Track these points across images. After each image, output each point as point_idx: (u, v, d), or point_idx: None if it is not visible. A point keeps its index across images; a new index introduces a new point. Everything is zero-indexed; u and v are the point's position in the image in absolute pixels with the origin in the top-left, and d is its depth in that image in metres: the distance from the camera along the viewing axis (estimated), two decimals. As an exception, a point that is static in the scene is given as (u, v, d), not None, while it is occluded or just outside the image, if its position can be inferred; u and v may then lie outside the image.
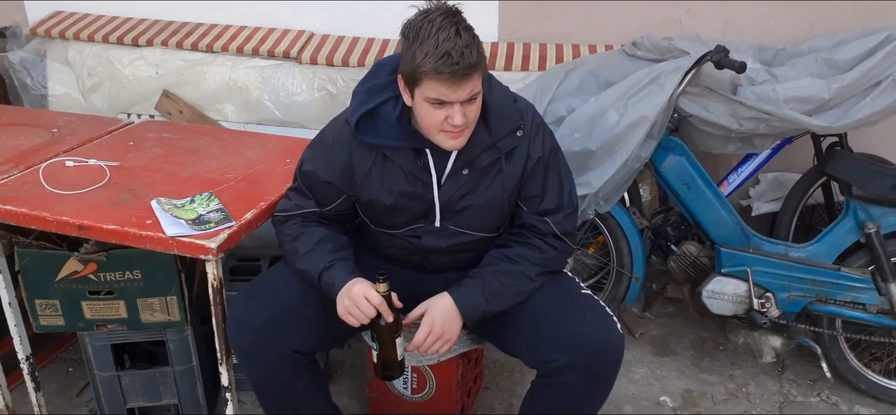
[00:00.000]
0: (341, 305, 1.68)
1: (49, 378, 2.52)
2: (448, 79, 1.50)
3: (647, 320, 2.89)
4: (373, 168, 1.74)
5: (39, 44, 3.22)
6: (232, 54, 3.03)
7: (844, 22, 2.55)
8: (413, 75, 1.55)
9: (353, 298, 1.66)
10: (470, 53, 1.50)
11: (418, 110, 1.61)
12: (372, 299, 1.65)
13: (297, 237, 1.80)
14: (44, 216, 1.81)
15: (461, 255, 1.87)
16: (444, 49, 1.48)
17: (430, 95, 1.55)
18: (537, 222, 1.80)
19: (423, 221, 1.81)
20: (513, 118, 1.73)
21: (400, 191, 1.75)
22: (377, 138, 1.71)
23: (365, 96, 1.71)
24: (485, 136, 1.70)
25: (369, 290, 1.66)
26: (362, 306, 1.65)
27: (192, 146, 2.30)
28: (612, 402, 2.41)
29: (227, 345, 1.85)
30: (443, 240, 1.83)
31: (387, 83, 1.70)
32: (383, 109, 1.69)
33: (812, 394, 2.50)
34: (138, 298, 2.04)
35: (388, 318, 1.66)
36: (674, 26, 2.80)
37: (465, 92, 1.54)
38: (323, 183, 1.79)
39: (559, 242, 1.82)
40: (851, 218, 2.37)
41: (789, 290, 2.41)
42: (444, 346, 1.73)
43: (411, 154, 1.72)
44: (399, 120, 1.69)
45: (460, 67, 1.49)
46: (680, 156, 2.44)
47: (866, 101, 2.28)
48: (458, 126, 1.58)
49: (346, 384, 2.53)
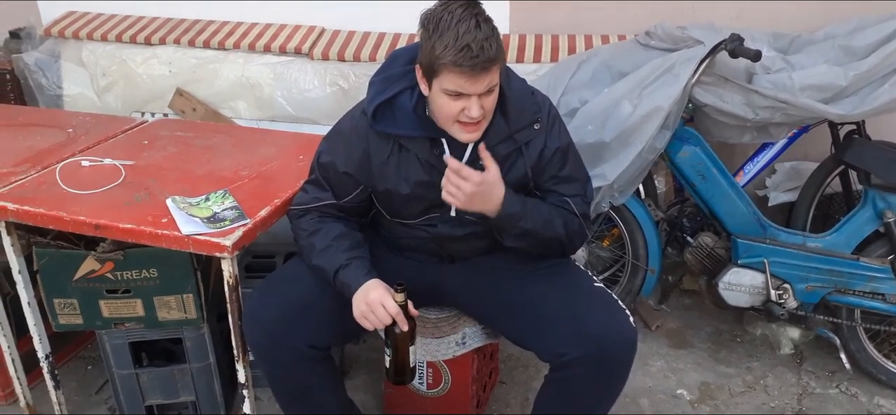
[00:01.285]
0: (357, 309, 1.68)
1: (68, 376, 2.55)
2: (467, 72, 1.50)
3: (664, 312, 2.87)
4: (390, 158, 1.75)
5: (53, 44, 3.24)
6: (244, 51, 3.04)
7: (860, 8, 2.52)
8: (432, 66, 1.55)
9: (370, 304, 1.65)
10: (490, 47, 1.50)
11: (435, 101, 1.61)
12: (389, 308, 1.64)
13: (314, 233, 1.80)
14: (61, 216, 1.82)
15: (477, 243, 1.88)
16: (465, 42, 1.48)
17: (447, 87, 1.55)
18: (559, 203, 1.80)
19: (438, 210, 1.81)
20: (531, 110, 1.73)
21: (417, 180, 1.75)
22: (394, 128, 1.71)
23: (381, 86, 1.71)
24: (503, 127, 1.70)
25: (387, 297, 1.65)
26: (379, 313, 1.65)
27: (205, 144, 2.31)
28: (628, 395, 2.40)
29: (244, 342, 1.86)
30: (458, 229, 1.83)
31: (403, 73, 1.70)
32: (400, 98, 1.70)
33: (831, 386, 2.48)
34: (155, 296, 2.05)
35: (404, 327, 1.66)
36: (687, 15, 2.76)
37: (484, 85, 1.54)
38: (341, 174, 1.79)
39: (577, 221, 1.81)
40: (870, 207, 2.34)
41: (807, 280, 2.39)
42: (462, 185, 1.60)
43: (428, 143, 1.72)
44: (415, 110, 1.70)
45: (480, 61, 1.49)
46: (695, 146, 2.42)
47: (885, 87, 2.25)
48: (475, 118, 1.58)
49: (361, 380, 2.54)
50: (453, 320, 2.02)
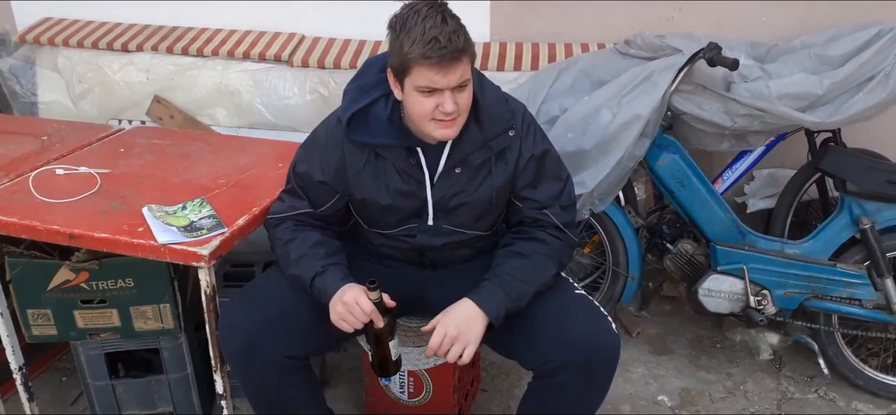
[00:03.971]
0: (334, 312, 1.68)
1: (43, 388, 2.50)
2: (437, 63, 1.52)
3: (644, 319, 2.88)
4: (366, 167, 1.75)
5: (28, 51, 3.19)
6: (223, 58, 3.01)
7: (836, 17, 2.55)
8: (402, 65, 1.56)
9: (346, 304, 1.65)
10: (457, 38, 1.53)
11: (408, 101, 1.62)
12: (364, 306, 1.64)
13: (290, 241, 1.79)
14: (34, 225, 1.80)
15: (457, 251, 1.88)
16: (432, 35, 1.51)
17: (419, 84, 1.56)
18: (537, 215, 1.81)
19: (416, 220, 1.81)
20: (505, 118, 1.74)
21: (394, 189, 1.75)
22: (369, 137, 1.72)
23: (355, 95, 1.72)
24: (477, 135, 1.71)
25: (361, 295, 1.65)
26: (355, 312, 1.65)
27: (183, 152, 2.28)
28: (609, 402, 2.40)
29: (222, 352, 1.83)
30: (437, 238, 1.83)
31: (377, 82, 1.71)
32: (375, 107, 1.71)
33: (810, 391, 2.50)
34: (131, 306, 2.02)
35: (379, 323, 1.67)
36: (666, 24, 2.79)
37: (455, 77, 1.55)
38: (317, 183, 1.79)
39: (561, 234, 1.82)
40: (846, 214, 2.36)
41: (785, 287, 2.41)
42: (462, 347, 1.68)
43: (404, 152, 1.73)
44: (390, 118, 1.70)
45: (448, 51, 1.51)
46: (674, 154, 2.44)
47: (859, 96, 2.29)
48: (450, 113, 1.59)
49: (342, 389, 2.52)
50: (434, 330, 2.01)
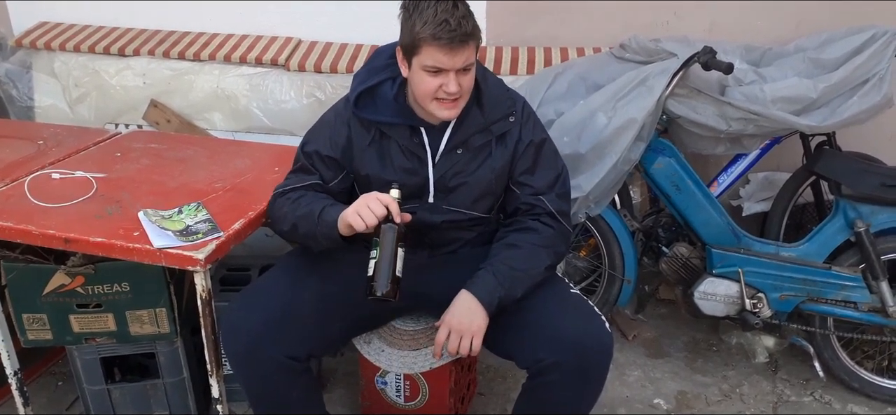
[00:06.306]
0: (352, 208, 1.67)
1: (38, 393, 2.49)
2: (446, 45, 1.59)
3: (640, 322, 2.88)
4: (371, 144, 1.82)
5: (25, 55, 3.19)
6: (219, 63, 3.02)
7: (830, 21, 2.56)
8: (412, 44, 1.64)
9: (367, 198, 1.67)
10: (466, 23, 1.61)
11: (414, 79, 1.69)
12: (383, 199, 1.66)
13: (298, 199, 1.81)
14: (29, 230, 1.79)
15: (454, 233, 1.92)
16: (443, 17, 1.58)
17: (427, 63, 1.63)
18: (532, 200, 1.86)
19: (417, 200, 1.85)
20: (506, 104, 1.83)
21: (398, 166, 1.82)
22: (375, 115, 1.80)
23: (365, 76, 1.82)
24: (479, 118, 1.80)
25: (382, 193, 1.68)
26: (373, 206, 1.65)
27: (179, 156, 2.29)
28: (606, 405, 2.41)
29: (218, 356, 1.84)
30: (437, 216, 1.87)
31: (385, 65, 1.81)
32: (382, 87, 1.80)
33: (805, 393, 2.51)
34: (127, 310, 2.02)
35: (398, 219, 1.66)
36: (661, 28, 2.80)
37: (461, 60, 1.63)
38: (325, 158, 1.85)
39: (555, 222, 1.86)
40: (841, 217, 2.37)
41: (781, 289, 2.41)
42: (469, 339, 1.74)
43: (407, 131, 1.80)
44: (396, 98, 1.79)
45: (458, 34, 1.59)
46: (669, 158, 2.44)
47: (853, 99, 2.29)
48: (453, 94, 1.66)
49: (338, 393, 2.52)
50: (430, 332, 2.02)
